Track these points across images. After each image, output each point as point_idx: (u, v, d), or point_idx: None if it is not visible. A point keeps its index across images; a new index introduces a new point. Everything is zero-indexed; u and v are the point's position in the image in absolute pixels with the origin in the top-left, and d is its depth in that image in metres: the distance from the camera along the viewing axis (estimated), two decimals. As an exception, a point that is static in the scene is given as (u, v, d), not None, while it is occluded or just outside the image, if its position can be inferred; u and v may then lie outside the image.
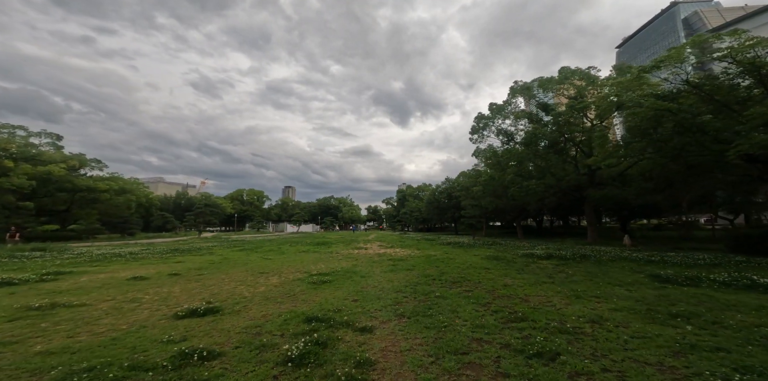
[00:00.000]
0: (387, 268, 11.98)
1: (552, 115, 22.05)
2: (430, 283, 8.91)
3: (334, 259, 15.19)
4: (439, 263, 13.03)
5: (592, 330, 4.74)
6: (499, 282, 8.74)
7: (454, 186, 54.95)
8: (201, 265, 12.50)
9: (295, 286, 8.58)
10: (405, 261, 14.09)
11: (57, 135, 41.37)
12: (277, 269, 11.70)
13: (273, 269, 11.70)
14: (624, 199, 20.66)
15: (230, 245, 24.37)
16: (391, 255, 16.96)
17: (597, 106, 20.57)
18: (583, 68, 26.34)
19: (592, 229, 23.58)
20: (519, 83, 28.90)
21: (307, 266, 12.60)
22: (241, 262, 13.62)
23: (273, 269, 11.70)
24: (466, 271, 10.85)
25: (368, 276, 10.17)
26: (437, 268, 11.79)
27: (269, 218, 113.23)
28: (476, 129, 33.78)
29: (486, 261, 13.36)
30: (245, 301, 6.76)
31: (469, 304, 6.43)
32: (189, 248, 20.73)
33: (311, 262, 13.79)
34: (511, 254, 15.56)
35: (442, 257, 15.25)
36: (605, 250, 15.48)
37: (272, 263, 13.47)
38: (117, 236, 44.51)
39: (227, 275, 10.26)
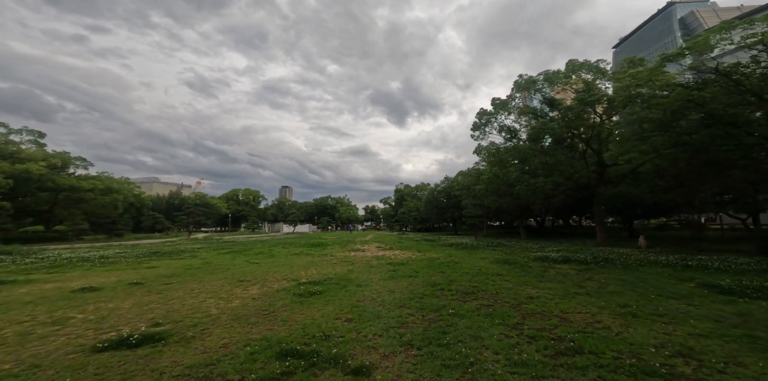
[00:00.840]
0: (386, 274, 10.57)
1: (560, 109, 20.76)
2: (439, 294, 7.51)
3: (327, 263, 13.75)
4: (445, 268, 11.65)
5: (692, 371, 3.36)
6: (521, 293, 7.35)
7: (454, 185, 53.64)
8: (174, 272, 11.01)
9: (278, 298, 7.14)
10: (406, 265, 12.68)
11: (39, 132, 39.49)
12: (261, 276, 10.25)
13: (257, 276, 10.24)
14: (637, 198, 19.43)
15: (218, 247, 22.82)
16: (390, 258, 15.55)
17: (610, 99, 19.28)
18: (591, 61, 25.14)
19: (601, 230, 22.33)
20: (524, 77, 27.59)
21: (296, 272, 11.16)
22: (223, 267, 12.13)
23: (257, 276, 10.24)
24: (478, 278, 9.46)
25: (365, 285, 8.75)
26: (443, 274, 10.40)
27: (265, 218, 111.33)
28: (478, 125, 32.44)
29: (496, 265, 11.98)
30: (207, 322, 5.31)
31: (495, 326, 5.03)
32: (172, 251, 19.17)
33: (302, 268, 12.34)
34: (521, 257, 14.20)
35: (447, 261, 13.86)
36: (624, 253, 14.18)
37: (258, 268, 12.00)
38: (104, 237, 42.69)
39: (200, 284, 8.78)
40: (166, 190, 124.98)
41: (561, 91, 27.79)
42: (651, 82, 15.01)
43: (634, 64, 23.38)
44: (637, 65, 23.05)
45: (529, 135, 20.84)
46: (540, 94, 27.07)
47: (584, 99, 19.71)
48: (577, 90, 23.79)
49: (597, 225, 22.58)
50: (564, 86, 26.08)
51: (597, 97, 19.30)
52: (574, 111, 19.88)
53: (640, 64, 23.16)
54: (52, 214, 38.97)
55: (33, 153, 35.81)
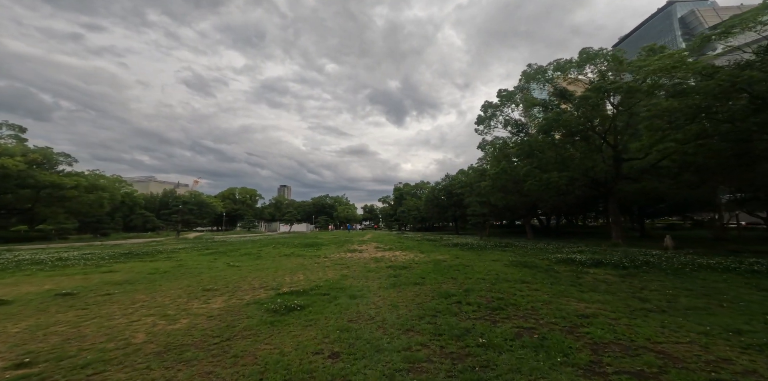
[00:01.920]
0: (387, 280, 8.81)
1: (574, 99, 18.99)
2: (456, 309, 5.76)
3: (319, 266, 11.96)
4: (455, 273, 9.88)
5: None
6: (566, 308, 5.60)
7: (455, 183, 51.91)
8: (132, 277, 9.20)
9: (243, 317, 5.37)
10: (409, 269, 10.92)
11: (20, 127, 37.50)
12: (235, 283, 8.46)
13: (230, 283, 8.45)
14: (656, 195, 17.73)
15: (203, 247, 20.98)
16: (390, 260, 13.78)
17: (631, 87, 17.53)
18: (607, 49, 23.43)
19: (617, 229, 20.62)
20: (533, 66, 25.84)
21: (279, 278, 9.37)
22: (195, 272, 10.32)
23: (230, 283, 8.45)
24: (499, 286, 7.70)
25: (361, 296, 6.99)
26: (455, 280, 8.64)
27: (262, 217, 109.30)
28: (483, 118, 30.70)
29: (515, 269, 10.22)
30: (111, 359, 3.55)
31: (557, 368, 3.29)
32: (148, 251, 17.33)
33: (288, 272, 10.55)
34: (539, 259, 12.45)
35: (455, 264, 12.10)
36: (657, 254, 12.45)
37: (235, 273, 10.20)
38: (89, 237, 40.72)
39: (150, 295, 6.99)
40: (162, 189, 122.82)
41: (572, 82, 26.10)
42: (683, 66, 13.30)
43: (654, 52, 21.69)
44: (657, 52, 21.36)
45: (541, 127, 19.12)
46: (550, 84, 25.35)
47: (602, 87, 17.97)
48: (592, 80, 22.05)
49: (613, 224, 20.88)
50: (577, 76, 24.38)
51: (616, 86, 17.57)
52: (591, 100, 18.14)
53: (660, 51, 21.47)
54: (34, 212, 36.96)
55: (10, 148, 33.84)
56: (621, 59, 21.67)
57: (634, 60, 21.28)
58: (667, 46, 22.87)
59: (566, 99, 23.69)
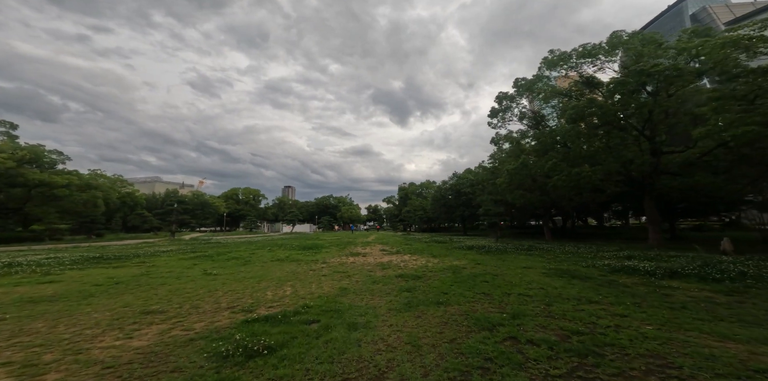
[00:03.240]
0: (399, 297, 6.72)
1: (614, 82, 16.61)
2: (518, 356, 3.64)
3: (314, 275, 9.88)
4: (485, 286, 7.74)
5: None
6: (720, 356, 3.44)
7: (463, 182, 49.59)
8: (67, 291, 7.19)
9: (166, 368, 3.29)
10: (424, 279, 8.81)
11: (11, 123, 36.15)
12: (196, 300, 6.41)
13: (189, 300, 6.41)
14: (716, 190, 15.32)
15: (191, 250, 19.05)
16: (399, 266, 11.68)
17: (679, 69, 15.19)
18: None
19: (654, 230, 18.23)
20: (555, 52, 23.52)
21: (260, 293, 7.31)
22: (155, 283, 8.29)
23: (189, 300, 6.41)
24: (558, 308, 5.54)
25: (365, 324, 4.91)
26: (489, 298, 6.51)
27: (266, 218, 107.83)
28: (496, 111, 28.49)
29: (562, 281, 8.03)
30: None
31: None
32: (124, 255, 15.43)
33: (274, 283, 8.49)
34: (584, 267, 10.24)
35: (479, 272, 9.95)
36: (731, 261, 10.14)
37: (207, 284, 8.15)
38: (83, 237, 39.19)
39: (61, 320, 4.99)
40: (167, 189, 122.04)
41: (597, 71, 23.76)
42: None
43: (698, 34, 19.32)
44: (702, 35, 18.98)
45: (570, 115, 16.85)
46: (575, 71, 23.01)
47: (644, 70, 15.64)
48: (625, 65, 19.64)
49: (649, 225, 18.48)
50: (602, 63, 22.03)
51: (661, 68, 15.22)
52: (630, 85, 15.82)
53: (706, 34, 19.09)
54: (23, 212, 35.49)
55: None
56: (660, 41, 19.31)
57: (674, 42, 18.90)
58: (712, 28, 20.49)
59: (594, 87, 21.33)
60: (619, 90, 16.04)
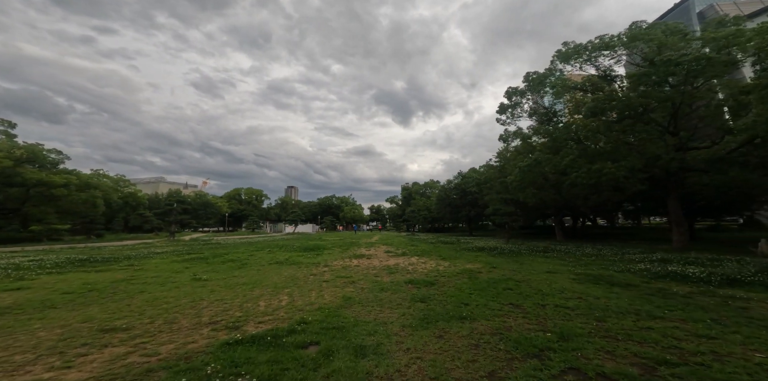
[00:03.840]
0: (412, 308, 5.75)
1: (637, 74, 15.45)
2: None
3: (315, 280, 8.90)
4: (511, 294, 6.72)
5: None
6: None
7: (468, 181, 48.47)
8: (27, 301, 6.26)
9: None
10: (438, 286, 7.82)
11: (9, 122, 35.59)
12: (173, 313, 5.45)
13: (164, 313, 5.45)
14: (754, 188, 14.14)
15: (187, 251, 18.17)
16: (408, 270, 10.69)
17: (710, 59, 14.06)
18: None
19: (679, 231, 17.04)
20: (570, 44, 22.38)
21: (252, 303, 6.35)
22: (134, 290, 7.35)
23: (164, 313, 5.45)
24: (613, 325, 4.51)
25: (375, 349, 3.92)
26: (521, 310, 5.50)
27: (268, 218, 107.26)
28: (505, 107, 27.37)
29: (601, 290, 6.98)
30: None
31: None
32: (114, 257, 14.57)
33: (270, 291, 7.52)
34: (617, 272, 9.16)
35: (497, 277, 8.93)
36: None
37: (193, 292, 7.20)
38: (82, 238, 38.58)
39: None
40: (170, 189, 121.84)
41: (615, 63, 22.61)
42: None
43: (723, 24, 18.17)
44: (728, 24, 17.82)
45: (588, 109, 15.73)
46: (589, 64, 21.87)
47: (672, 60, 14.52)
48: (646, 57, 18.47)
49: (674, 225, 17.28)
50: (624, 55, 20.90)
51: (691, 58, 14.09)
52: (657, 76, 14.68)
53: (735, 23, 17.91)
54: (22, 212, 34.90)
55: (-5, 143, 31.84)
56: (685, 32, 18.13)
57: (703, 33, 17.69)
58: (741, 16, 19.31)
59: (611, 80, 20.17)
60: (644, 81, 14.89)
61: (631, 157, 14.88)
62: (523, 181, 20.90)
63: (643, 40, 18.83)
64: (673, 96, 15.82)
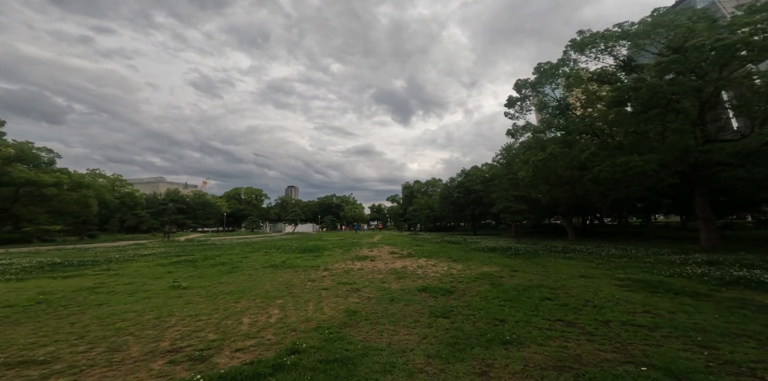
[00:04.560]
0: (435, 328, 4.52)
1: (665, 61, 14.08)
2: None
3: (314, 288, 7.66)
4: (551, 306, 5.47)
5: None
6: None
7: (473, 179, 47.19)
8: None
9: None
10: (458, 294, 6.62)
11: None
12: (128, 335, 4.20)
13: (117, 333, 4.21)
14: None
15: (177, 253, 16.94)
16: (418, 274, 9.46)
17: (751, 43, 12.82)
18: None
19: (708, 229, 15.76)
20: (585, 33, 21.05)
21: (233, 320, 5.10)
22: (93, 302, 6.12)
23: (117, 333, 4.21)
24: (739, 354, 3.24)
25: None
26: (578, 329, 4.26)
27: (268, 218, 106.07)
28: (514, 100, 26.06)
29: (668, 300, 5.73)
30: None
31: None
32: (97, 260, 13.37)
33: (259, 302, 6.28)
34: (665, 277, 7.89)
35: (524, 283, 7.69)
36: None
37: (166, 304, 5.96)
38: (75, 239, 37.37)
39: None
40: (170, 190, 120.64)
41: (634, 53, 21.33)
42: None
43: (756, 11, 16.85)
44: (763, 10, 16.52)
45: (611, 99, 14.45)
46: (606, 54, 20.54)
47: (706, 44, 13.24)
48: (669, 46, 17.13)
49: (703, 223, 16.00)
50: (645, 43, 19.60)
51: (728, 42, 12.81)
52: (689, 63, 13.39)
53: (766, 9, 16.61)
54: (12, 212, 33.69)
55: (-19, 141, 30.63)
56: (714, 18, 16.85)
57: (734, 18, 16.38)
58: None
59: (631, 70, 18.83)
60: (673, 69, 13.59)
61: (660, 149, 13.59)
62: (535, 177, 19.62)
63: (668, 26, 17.49)
64: (705, 84, 14.51)
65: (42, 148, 35.59)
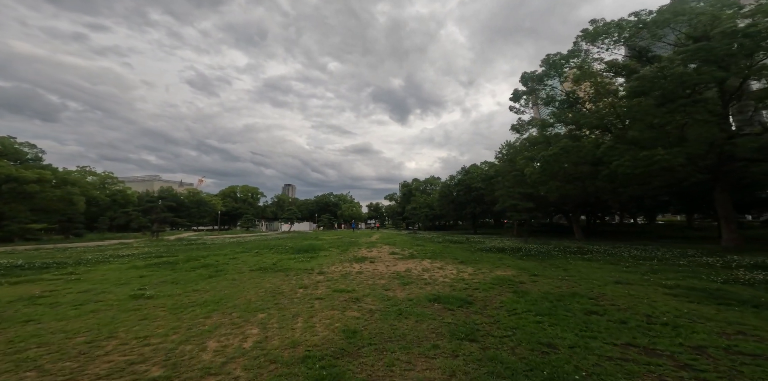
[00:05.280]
0: (462, 359, 3.31)
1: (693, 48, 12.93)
2: None
3: (305, 296, 6.46)
4: (605, 323, 4.31)
5: None
6: None
7: (473, 177, 46.14)
8: None
9: None
10: (478, 306, 5.47)
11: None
12: (30, 371, 2.94)
13: (13, 369, 2.94)
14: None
15: (160, 254, 15.64)
16: (424, 279, 8.31)
17: None
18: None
19: (730, 228, 14.76)
20: (599, 23, 19.90)
21: (193, 344, 3.87)
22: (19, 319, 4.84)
23: (13, 369, 2.94)
24: None
25: None
26: (676, 364, 3.09)
27: (264, 216, 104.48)
28: (520, 94, 24.92)
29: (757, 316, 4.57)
30: None
31: None
32: (65, 262, 12.05)
33: (235, 317, 5.07)
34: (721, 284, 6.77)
35: (552, 290, 6.57)
36: None
37: (115, 320, 4.73)
38: (60, 238, 35.79)
39: None
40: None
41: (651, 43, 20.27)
42: None
43: None
44: None
45: (632, 88, 13.36)
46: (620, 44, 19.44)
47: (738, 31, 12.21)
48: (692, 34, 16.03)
49: (725, 222, 14.99)
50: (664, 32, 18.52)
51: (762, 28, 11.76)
52: (718, 50, 12.31)
53: None
54: (-8, 209, 32.03)
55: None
56: (740, 5, 15.79)
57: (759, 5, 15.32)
58: None
59: (648, 61, 17.70)
60: (701, 56, 12.48)
61: (687, 142, 12.49)
62: (544, 173, 18.49)
63: (690, 14, 16.37)
64: (731, 74, 13.43)
65: (24, 143, 34.00)
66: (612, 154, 13.70)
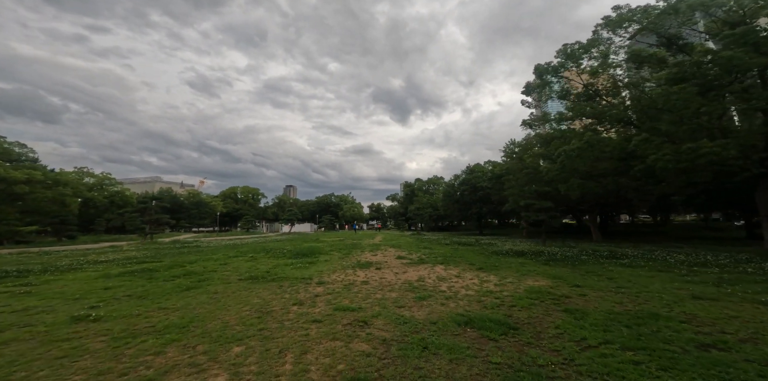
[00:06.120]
0: None
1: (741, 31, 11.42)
2: None
3: (299, 317, 5.05)
4: (743, 369, 2.84)
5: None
6: None
7: (479, 176, 44.66)
8: None
9: None
10: (529, 333, 4.03)
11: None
12: None
13: None
14: None
15: (143, 259, 14.26)
16: (441, 290, 6.96)
17: None
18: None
19: (773, 229, 13.26)
20: (622, 9, 18.48)
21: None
22: None
23: None
24: None
25: None
26: None
27: (265, 217, 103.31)
28: (533, 87, 23.47)
29: None
30: None
31: None
32: (34, 269, 10.72)
33: (202, 351, 3.65)
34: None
35: (615, 308, 5.15)
36: None
37: (28, 356, 3.32)
38: (52, 241, 34.54)
39: None
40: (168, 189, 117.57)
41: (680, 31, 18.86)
42: None
43: None
44: None
45: (670, 76, 11.93)
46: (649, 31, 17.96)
47: None
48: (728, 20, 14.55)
49: (765, 220, 13.47)
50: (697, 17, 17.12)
51: None
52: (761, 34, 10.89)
53: None
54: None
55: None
56: None
57: None
58: None
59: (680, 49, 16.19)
60: (752, 38, 11.03)
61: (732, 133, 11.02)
62: (564, 170, 17.01)
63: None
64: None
65: (14, 142, 32.82)
66: (647, 147, 12.22)
